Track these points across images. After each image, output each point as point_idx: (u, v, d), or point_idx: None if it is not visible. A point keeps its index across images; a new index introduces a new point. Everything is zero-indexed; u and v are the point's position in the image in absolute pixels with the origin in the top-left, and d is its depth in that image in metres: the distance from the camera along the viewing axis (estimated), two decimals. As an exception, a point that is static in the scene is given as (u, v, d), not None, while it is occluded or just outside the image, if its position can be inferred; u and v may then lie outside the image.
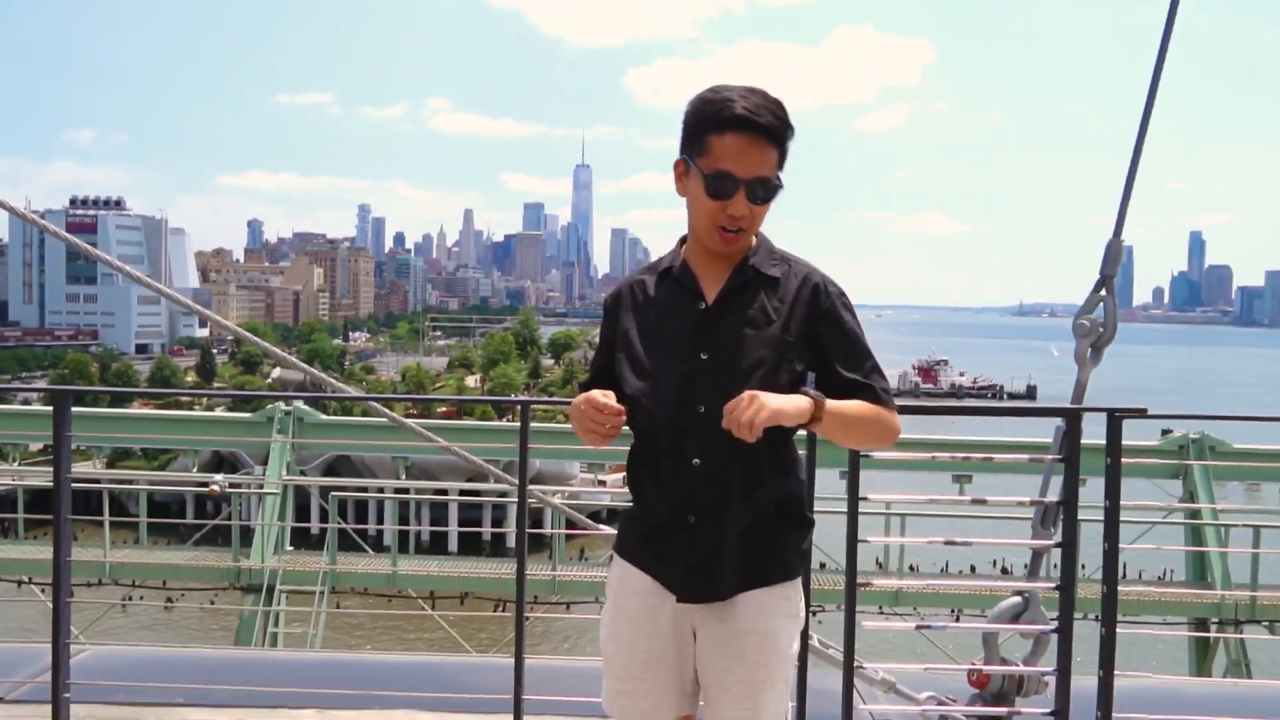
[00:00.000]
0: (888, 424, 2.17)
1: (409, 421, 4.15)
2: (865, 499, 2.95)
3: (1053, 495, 3.73)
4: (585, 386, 2.24)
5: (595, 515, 29.68)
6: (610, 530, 4.23)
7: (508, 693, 3.20)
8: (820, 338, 2.16)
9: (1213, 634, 12.99)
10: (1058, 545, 2.97)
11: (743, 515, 2.14)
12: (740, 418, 1.97)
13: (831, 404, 2.08)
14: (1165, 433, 15.09)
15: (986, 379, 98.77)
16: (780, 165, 2.17)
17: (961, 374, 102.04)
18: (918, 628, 3.18)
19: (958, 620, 11.40)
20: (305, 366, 4.50)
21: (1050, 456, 3.29)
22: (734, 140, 2.10)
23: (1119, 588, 2.99)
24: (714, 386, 2.11)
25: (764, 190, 2.13)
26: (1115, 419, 2.92)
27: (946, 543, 3.03)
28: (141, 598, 19.16)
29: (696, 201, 2.17)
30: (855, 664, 2.99)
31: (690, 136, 2.18)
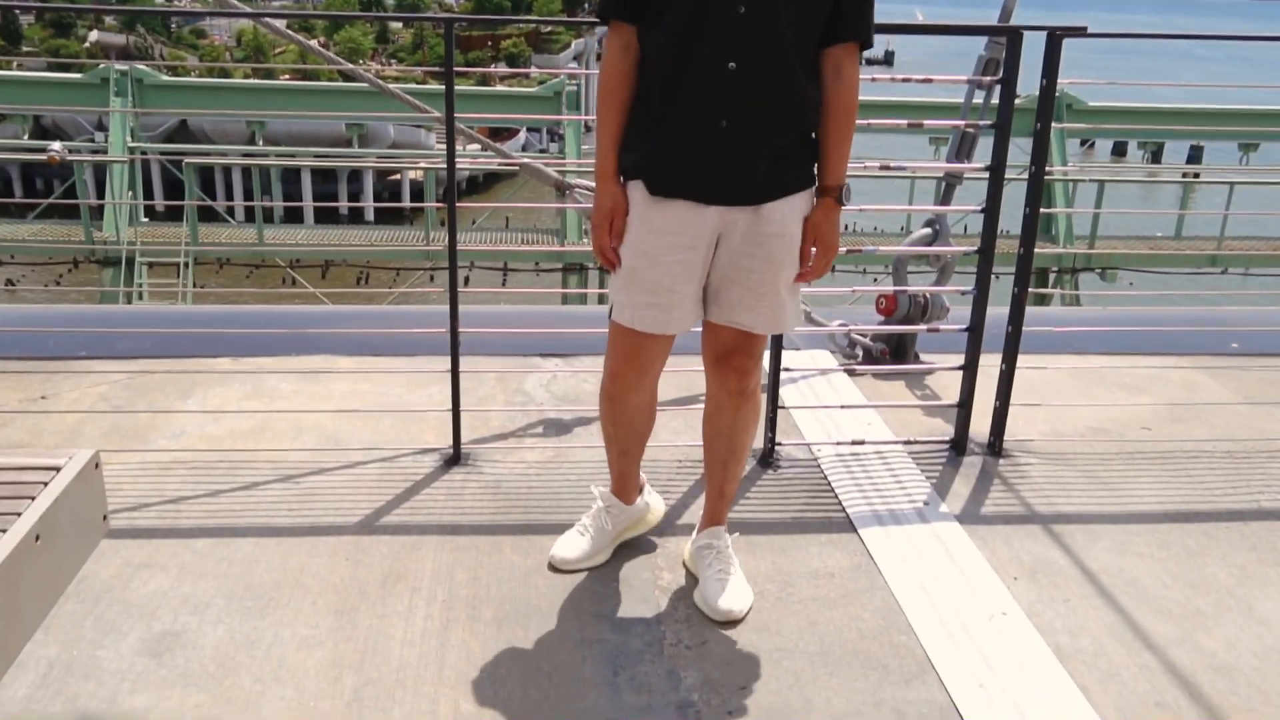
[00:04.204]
0: (856, 105, 2.25)
1: (371, 78, 3.71)
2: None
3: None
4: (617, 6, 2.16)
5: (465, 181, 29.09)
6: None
7: (436, 330, 3.17)
8: None
9: (1050, 285, 13.97)
10: (986, 169, 3.00)
11: (772, 124, 2.14)
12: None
13: (837, 178, 2.24)
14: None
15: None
16: None
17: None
18: (848, 251, 3.24)
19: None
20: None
21: (982, 78, 3.27)
22: None
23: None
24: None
25: None
26: (1056, 38, 2.87)
27: (882, 167, 3.03)
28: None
29: None
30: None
31: None
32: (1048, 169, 2.82)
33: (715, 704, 2.15)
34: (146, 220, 14.58)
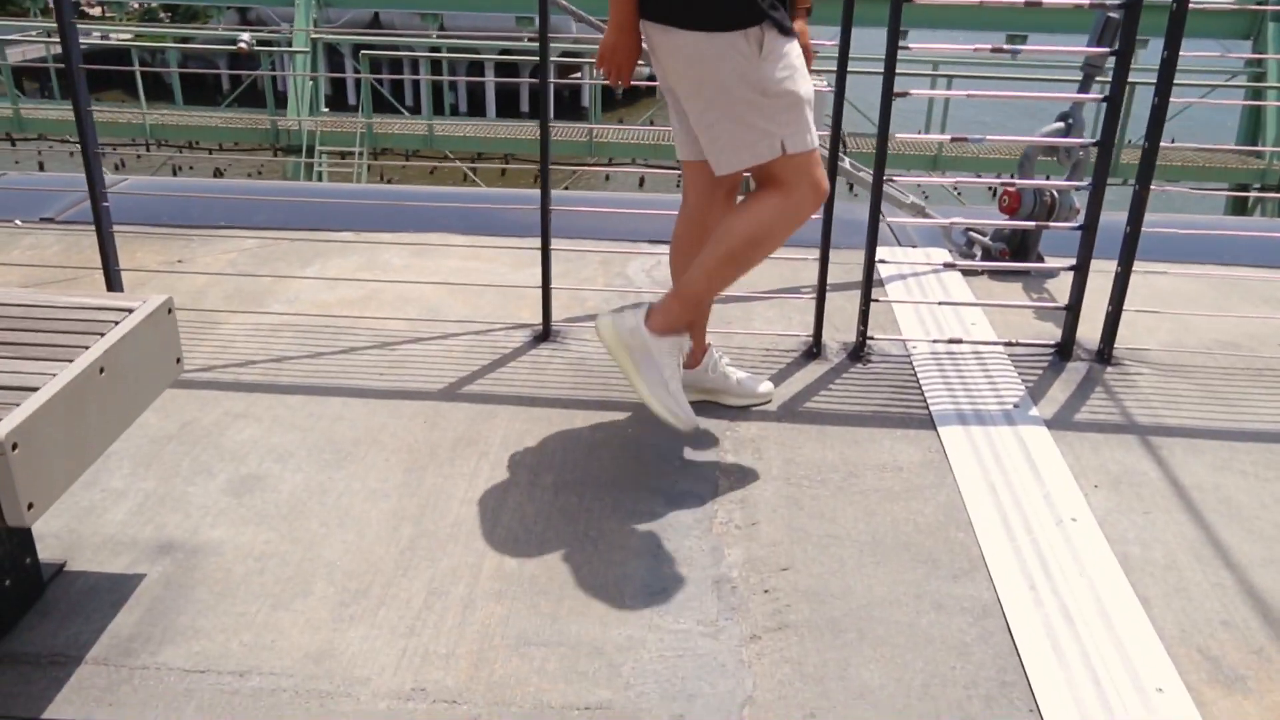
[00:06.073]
0: None
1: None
2: (906, 48, 2.77)
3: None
4: None
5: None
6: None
7: (529, 207, 3.21)
8: None
9: (1252, 194, 12.85)
10: (1104, 100, 2.79)
11: None
12: None
13: None
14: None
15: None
16: None
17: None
18: (953, 140, 3.08)
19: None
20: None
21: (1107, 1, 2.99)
22: None
23: (1162, 149, 2.86)
24: None
25: None
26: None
27: (994, 49, 2.85)
28: (192, 168, 19.53)
29: None
30: (885, 178, 2.94)
31: None
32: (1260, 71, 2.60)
33: (753, 581, 2.16)
34: (326, 110, 15.18)
